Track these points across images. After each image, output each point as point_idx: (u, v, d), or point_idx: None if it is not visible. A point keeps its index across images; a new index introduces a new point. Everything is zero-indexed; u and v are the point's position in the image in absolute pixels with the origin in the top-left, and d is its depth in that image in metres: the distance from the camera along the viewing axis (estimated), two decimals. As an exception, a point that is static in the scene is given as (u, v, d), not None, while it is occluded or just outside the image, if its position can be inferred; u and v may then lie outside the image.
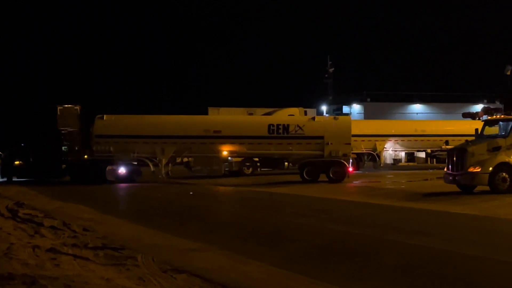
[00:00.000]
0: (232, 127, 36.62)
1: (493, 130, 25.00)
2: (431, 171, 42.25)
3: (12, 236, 13.82)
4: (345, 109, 74.05)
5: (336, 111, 71.22)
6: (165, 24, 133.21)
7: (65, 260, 10.91)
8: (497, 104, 49.23)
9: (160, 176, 35.40)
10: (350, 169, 35.19)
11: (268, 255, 11.89)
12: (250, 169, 40.42)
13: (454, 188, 24.63)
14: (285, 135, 35.64)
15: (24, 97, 79.35)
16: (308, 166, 34.83)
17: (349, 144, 35.48)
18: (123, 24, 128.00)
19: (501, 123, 24.72)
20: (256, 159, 39.63)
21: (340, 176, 34.38)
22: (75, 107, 37.39)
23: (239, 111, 44.36)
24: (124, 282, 9.31)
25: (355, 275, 10.21)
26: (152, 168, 35.82)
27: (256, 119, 41.03)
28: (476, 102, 70.83)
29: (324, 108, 72.22)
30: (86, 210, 20.73)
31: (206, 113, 45.78)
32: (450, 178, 24.57)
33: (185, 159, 38.93)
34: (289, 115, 41.89)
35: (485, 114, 44.46)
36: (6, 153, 37.71)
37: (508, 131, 23.68)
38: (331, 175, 34.37)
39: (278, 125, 35.88)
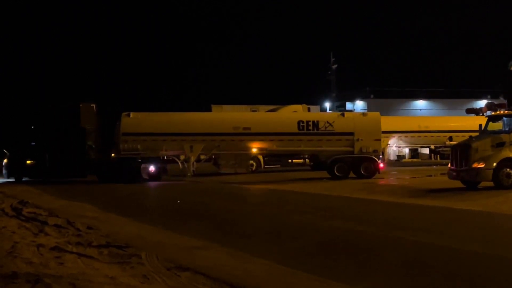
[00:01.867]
0: (261, 124, 36.54)
1: (497, 125, 24.94)
2: (434, 167, 42.25)
3: (16, 234, 13.86)
4: (349, 105, 73.98)
5: (340, 107, 71.13)
6: (166, 23, 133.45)
7: (69, 258, 10.93)
8: (501, 100, 49.22)
9: (189, 174, 35.57)
10: (381, 165, 35.20)
11: (271, 253, 11.91)
12: (254, 166, 40.35)
13: (458, 184, 24.61)
14: (315, 131, 35.62)
15: (23, 97, 79.51)
16: (339, 163, 34.74)
17: (379, 140, 35.53)
18: (125, 24, 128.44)
19: (504, 118, 24.67)
20: (260, 157, 39.51)
21: (371, 172, 34.40)
22: (91, 105, 36.71)
23: (242, 108, 44.45)
24: (128, 280, 9.33)
25: (358, 272, 10.22)
26: (180, 165, 35.90)
27: (286, 115, 41.01)
28: (480, 98, 70.70)
29: (327, 104, 72.17)
30: (90, 209, 20.77)
31: (209, 110, 45.78)
32: (454, 174, 24.55)
33: (213, 156, 38.65)
34: (292, 112, 41.90)
35: (488, 110, 44.24)
36: (12, 152, 36.32)
37: (512, 126, 23.65)
38: (362, 172, 34.39)
39: (308, 121, 35.86)
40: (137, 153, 34.93)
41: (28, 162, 35.30)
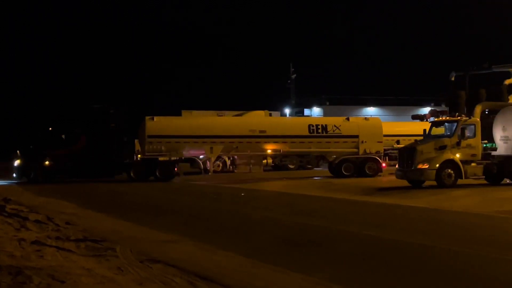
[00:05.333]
0: (276, 127, 36.80)
1: (440, 130, 25.28)
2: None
3: (-1, 230, 13.58)
4: (306, 111, 74.16)
5: (298, 113, 71.24)
6: (136, 31, 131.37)
7: (49, 251, 10.73)
8: (443, 107, 49.82)
9: (209, 173, 35.66)
10: (383, 164, 35.55)
11: (237, 246, 11.84)
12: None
13: (404, 183, 24.84)
14: (324, 134, 35.97)
15: (34, 99, 78.45)
16: (346, 163, 34.91)
17: (381, 142, 35.89)
18: (93, 29, 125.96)
19: (446, 124, 25.00)
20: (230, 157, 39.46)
21: (375, 171, 34.70)
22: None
23: (210, 113, 44.08)
24: (103, 271, 9.18)
25: (315, 263, 10.24)
26: (201, 165, 36.38)
27: (297, 120, 42.14)
28: (424, 105, 71.40)
29: (287, 110, 72.22)
30: (69, 206, 20.46)
31: (179, 115, 45.23)
32: (401, 174, 24.79)
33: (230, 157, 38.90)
34: (255, 116, 41.80)
35: (432, 116, 44.84)
36: (25, 153, 34.00)
37: (453, 131, 23.96)
38: (366, 171, 34.59)
39: (317, 125, 36.25)
40: (160, 154, 34.56)
41: (47, 163, 33.40)
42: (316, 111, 74.05)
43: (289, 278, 9.07)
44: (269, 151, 36.38)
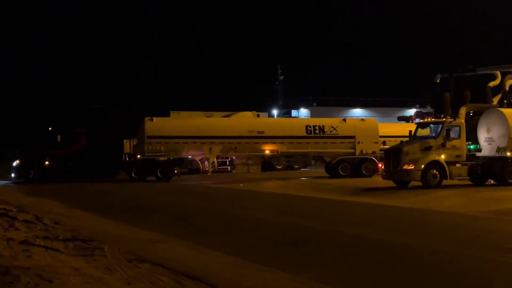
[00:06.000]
0: (274, 128, 36.89)
1: (425, 131, 25.39)
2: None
3: (-13, 229, 13.49)
4: (294, 112, 74.25)
5: (286, 114, 71.32)
6: (123, 30, 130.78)
7: (37, 251, 10.68)
8: (428, 109, 50.17)
9: (209, 173, 35.59)
10: (380, 165, 35.38)
11: (224, 245, 11.85)
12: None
13: (390, 183, 24.93)
14: (321, 135, 36.04)
15: (34, 99, 77.78)
16: (343, 163, 34.98)
17: (377, 142, 35.99)
18: (91, 30, 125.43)
19: (431, 125, 25.13)
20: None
21: (371, 171, 34.74)
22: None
23: (198, 114, 44.01)
24: (92, 271, 9.16)
25: (301, 262, 10.26)
26: (200, 165, 36.40)
27: (295, 121, 42.08)
28: (410, 106, 71.69)
29: (274, 112, 72.28)
30: (58, 205, 20.38)
31: (168, 116, 45.13)
32: (387, 174, 24.89)
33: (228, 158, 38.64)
34: (243, 118, 41.80)
35: (417, 118, 45.15)
36: (25, 152, 33.58)
37: (438, 132, 24.08)
38: (363, 171, 34.64)
39: (314, 126, 36.30)
40: (159, 154, 34.48)
41: (46, 163, 32.94)
42: (303, 112, 74.19)
43: (276, 278, 9.09)
44: (267, 152, 36.41)
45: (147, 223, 15.46)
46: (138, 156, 34.85)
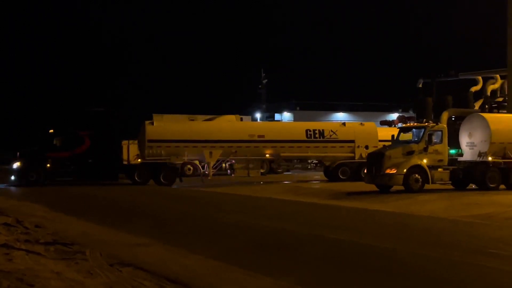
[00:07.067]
0: (274, 132, 36.56)
1: (407, 136, 25.51)
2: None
3: (-33, 233, 13.33)
4: (277, 116, 74.44)
5: (269, 118, 71.47)
6: (106, 33, 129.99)
7: (18, 255, 10.57)
8: (411, 113, 50.40)
9: (209, 178, 35.29)
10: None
11: (207, 249, 11.81)
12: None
13: (373, 187, 24.99)
14: (321, 139, 35.90)
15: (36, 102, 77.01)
16: (342, 167, 35.02)
17: (377, 147, 35.55)
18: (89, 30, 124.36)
19: (414, 130, 25.27)
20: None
21: None
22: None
23: (181, 117, 43.90)
24: (73, 275, 9.09)
25: (285, 267, 10.24)
26: (201, 169, 36.26)
27: (295, 125, 41.92)
28: (392, 111, 72.21)
29: (258, 115, 72.35)
30: (40, 208, 20.16)
31: (151, 119, 44.98)
32: (370, 178, 24.96)
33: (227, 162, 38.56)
34: (227, 121, 41.79)
35: (400, 122, 45.47)
36: (26, 155, 32.75)
37: (420, 137, 24.19)
38: (362, 175, 34.48)
39: (314, 130, 36.09)
40: (160, 158, 34.02)
41: (48, 166, 32.38)
42: (286, 116, 74.36)
43: (258, 282, 9.07)
44: (267, 156, 36.37)
45: (131, 227, 15.31)
46: (139, 160, 34.74)
